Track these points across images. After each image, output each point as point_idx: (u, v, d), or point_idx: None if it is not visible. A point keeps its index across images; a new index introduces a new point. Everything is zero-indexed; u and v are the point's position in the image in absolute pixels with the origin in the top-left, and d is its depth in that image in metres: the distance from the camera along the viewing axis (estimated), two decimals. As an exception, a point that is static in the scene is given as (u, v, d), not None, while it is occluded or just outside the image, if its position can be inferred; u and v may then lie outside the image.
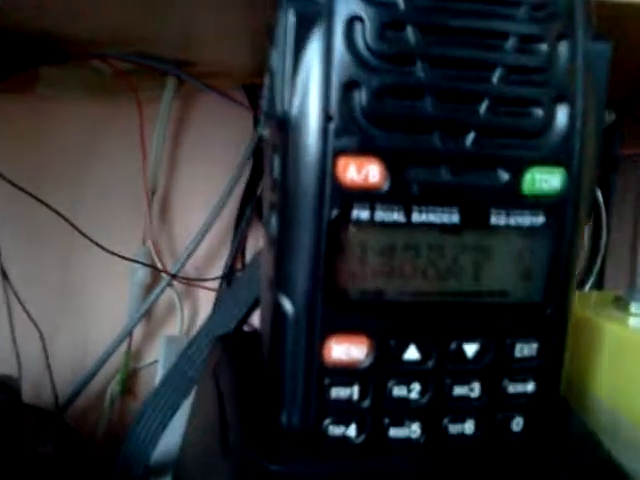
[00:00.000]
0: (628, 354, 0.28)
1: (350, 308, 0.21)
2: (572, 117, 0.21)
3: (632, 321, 0.29)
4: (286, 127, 0.20)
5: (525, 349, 0.22)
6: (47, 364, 0.48)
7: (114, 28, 0.39)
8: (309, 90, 0.20)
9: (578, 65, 0.21)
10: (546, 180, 0.21)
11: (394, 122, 0.20)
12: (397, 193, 0.20)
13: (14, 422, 0.34)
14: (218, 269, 0.53)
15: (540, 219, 0.22)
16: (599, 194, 0.46)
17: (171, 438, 0.31)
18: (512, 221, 0.21)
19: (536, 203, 0.21)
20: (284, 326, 0.22)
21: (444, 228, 0.21)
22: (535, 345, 0.23)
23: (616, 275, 0.46)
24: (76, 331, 0.52)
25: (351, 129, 0.20)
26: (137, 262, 0.50)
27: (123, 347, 0.49)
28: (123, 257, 0.48)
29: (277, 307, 0.22)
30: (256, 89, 0.50)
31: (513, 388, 0.23)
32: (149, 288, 0.51)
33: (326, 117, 0.20)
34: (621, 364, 0.28)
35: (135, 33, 0.40)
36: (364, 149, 0.20)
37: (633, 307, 0.30)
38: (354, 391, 0.22)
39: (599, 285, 0.46)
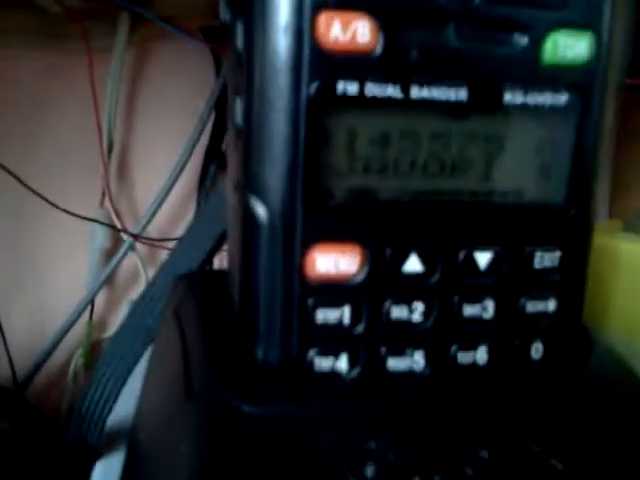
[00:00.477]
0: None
1: (336, 211, 0.17)
2: (602, -32, 0.17)
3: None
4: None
5: (546, 259, 0.19)
6: (2, 338, 0.44)
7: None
8: None
9: None
10: (572, 47, 0.17)
11: (388, -32, 0.16)
12: (392, 59, 0.16)
13: None
14: (182, 230, 0.49)
15: (563, 97, 0.18)
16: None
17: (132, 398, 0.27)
18: (530, 100, 0.18)
19: (559, 77, 0.18)
20: (257, 236, 0.17)
21: (449, 109, 0.17)
22: (557, 254, 0.19)
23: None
24: (32, 301, 0.48)
25: (334, -24, 0.16)
26: (96, 221, 0.46)
27: (85, 317, 0.46)
28: (80, 216, 0.44)
29: (248, 214, 0.17)
30: (215, 31, 0.46)
31: (532, 307, 0.19)
32: (110, 253, 0.47)
33: (302, -39, 0.16)
34: (636, 288, 0.25)
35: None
36: (351, 2, 0.16)
37: (646, 228, 0.27)
38: (344, 313, 0.18)
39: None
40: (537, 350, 0.19)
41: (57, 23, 0.43)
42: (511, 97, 0.17)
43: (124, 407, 0.27)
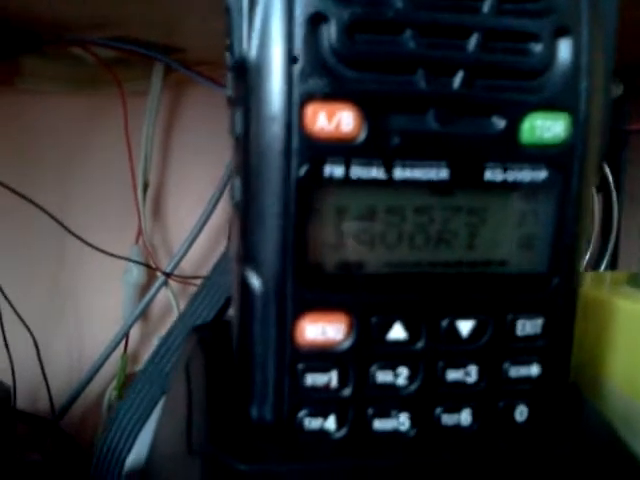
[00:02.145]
0: (646, 335, 0.25)
1: (325, 282, 0.18)
2: (576, 52, 0.18)
3: (649, 299, 0.26)
4: (245, 73, 0.18)
5: (528, 326, 0.20)
6: (42, 370, 0.46)
7: (89, 8, 0.36)
8: (269, 27, 0.17)
9: (582, -8, 0.18)
10: (548, 127, 0.18)
11: (369, 61, 0.17)
12: (375, 145, 0.18)
13: (3, 429, 0.32)
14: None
15: (542, 174, 0.19)
16: (608, 172, 0.43)
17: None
18: (510, 177, 0.19)
19: (537, 155, 0.19)
20: (252, 305, 0.19)
21: (432, 186, 0.18)
22: (540, 321, 0.20)
23: (631, 255, 0.44)
24: (71, 335, 0.50)
25: (319, 71, 0.17)
26: (130, 261, 0.48)
27: (119, 350, 0.48)
28: (116, 256, 0.47)
29: (244, 284, 0.19)
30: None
31: (515, 372, 0.20)
32: (144, 288, 0.49)
33: (290, 58, 0.17)
34: (638, 346, 0.25)
35: (114, 14, 0.38)
36: (335, 93, 0.17)
37: (650, 284, 0.27)
38: (332, 377, 0.19)
39: (613, 266, 0.43)
40: (521, 413, 0.20)
41: (92, 70, 0.46)
42: (492, 175, 0.18)
43: (144, 449, 0.28)
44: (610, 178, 0.42)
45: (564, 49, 0.18)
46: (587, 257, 0.43)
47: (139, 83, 0.48)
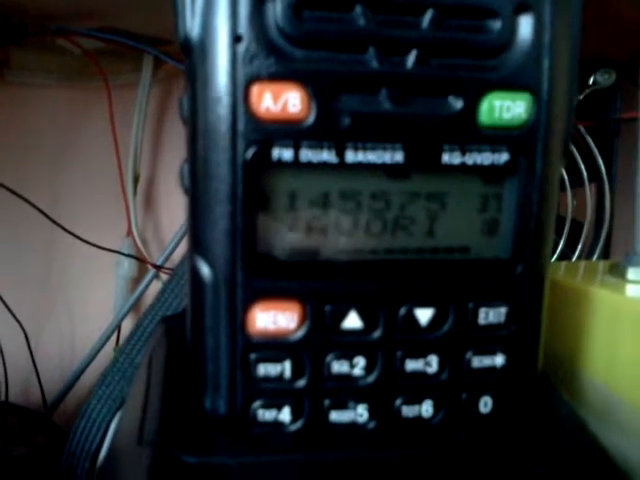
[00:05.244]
0: (625, 325, 0.24)
1: (276, 270, 0.18)
2: (538, 30, 0.17)
3: (630, 288, 0.25)
4: (189, 53, 0.17)
5: (491, 315, 0.19)
6: (33, 364, 0.47)
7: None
8: (212, 4, 0.16)
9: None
10: (508, 108, 0.18)
11: (317, 40, 0.17)
12: (325, 126, 0.17)
13: None
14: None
15: (503, 157, 0.18)
16: (600, 162, 0.42)
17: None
18: (469, 160, 0.18)
19: (497, 137, 0.18)
20: (203, 295, 0.18)
21: (387, 170, 0.18)
22: (503, 310, 0.19)
23: (624, 244, 0.42)
24: (62, 328, 0.50)
25: (265, 50, 0.17)
26: (122, 254, 0.48)
27: (112, 342, 0.48)
28: (107, 249, 0.46)
29: (194, 272, 0.18)
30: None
31: (478, 362, 0.19)
32: (136, 281, 0.49)
33: (234, 37, 0.16)
34: (617, 337, 0.24)
35: (101, 3, 0.37)
36: (282, 74, 0.17)
37: (630, 273, 0.26)
38: (286, 368, 0.18)
39: (606, 255, 0.42)
40: (486, 404, 0.19)
41: (80, 62, 0.45)
42: (449, 157, 0.18)
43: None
44: (602, 167, 0.41)
45: (525, 26, 0.18)
46: (580, 246, 0.43)
47: (129, 76, 0.48)
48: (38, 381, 0.47)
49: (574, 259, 0.42)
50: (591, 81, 0.41)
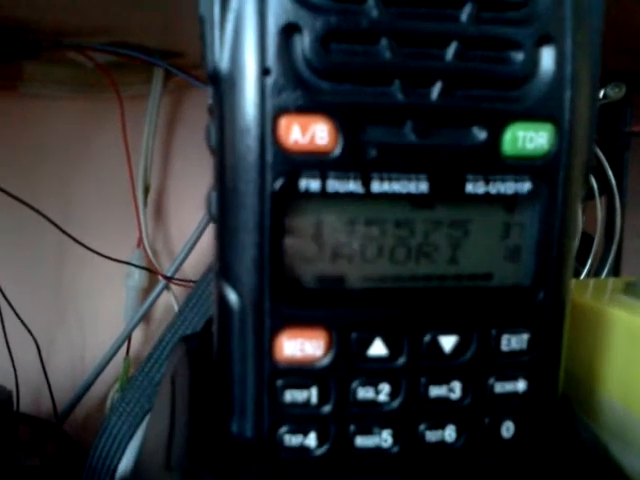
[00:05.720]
0: (642, 345, 0.24)
1: (303, 298, 0.18)
2: (560, 61, 0.18)
3: (646, 308, 0.25)
4: (218, 84, 0.17)
5: (513, 341, 0.19)
6: (44, 374, 0.47)
7: (86, 14, 0.36)
8: (240, 38, 0.17)
9: (566, -2, 0.18)
10: (531, 138, 0.18)
11: (344, 72, 0.17)
12: (352, 158, 0.17)
13: (3, 434, 0.32)
14: (216, 269, 0.50)
15: (526, 186, 0.18)
16: (611, 175, 0.42)
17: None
18: (492, 189, 0.18)
19: (520, 167, 0.18)
20: (230, 321, 0.18)
21: (412, 200, 0.18)
22: (525, 336, 0.19)
23: (634, 258, 0.43)
24: (73, 339, 0.51)
25: (293, 83, 0.17)
26: (132, 265, 0.48)
27: (122, 353, 0.48)
28: (117, 260, 0.47)
29: (222, 299, 0.19)
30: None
31: (501, 387, 0.19)
32: (146, 292, 0.49)
33: (262, 70, 0.17)
34: (635, 358, 0.25)
35: (111, 19, 0.38)
36: (309, 106, 0.17)
37: (647, 292, 0.26)
38: (312, 394, 0.18)
39: (616, 269, 0.42)
40: (508, 429, 0.20)
41: (92, 75, 0.46)
42: (473, 187, 0.18)
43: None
44: (613, 181, 0.42)
45: (547, 58, 0.18)
46: (591, 260, 0.43)
47: (140, 87, 0.48)
48: (49, 391, 0.47)
49: (584, 272, 0.42)
50: (601, 95, 0.42)
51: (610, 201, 0.42)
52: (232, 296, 0.18)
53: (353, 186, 0.17)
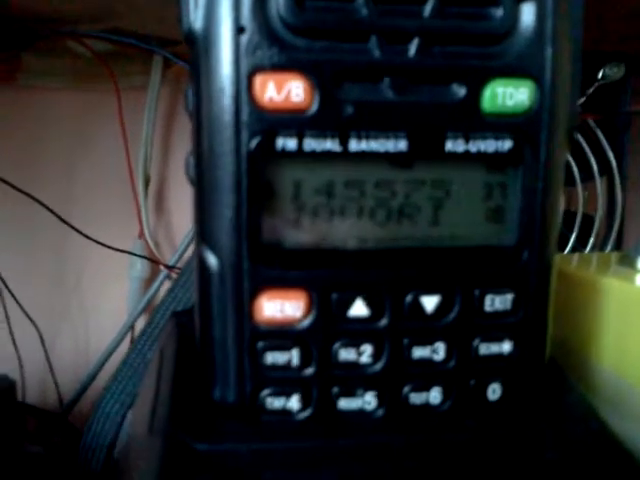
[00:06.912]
0: (635, 313, 0.24)
1: (282, 259, 0.18)
2: (540, 17, 0.17)
3: (640, 278, 0.25)
4: (193, 44, 0.17)
5: (497, 302, 0.19)
6: (49, 365, 0.48)
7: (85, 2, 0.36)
8: (215, -5, 0.17)
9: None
10: (511, 95, 0.18)
11: (319, 29, 0.17)
12: (328, 116, 0.17)
13: (7, 422, 0.32)
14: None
15: (507, 144, 0.18)
16: (611, 155, 0.42)
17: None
18: (473, 147, 0.18)
19: (501, 124, 0.18)
20: (210, 284, 0.18)
21: (391, 158, 0.18)
22: (510, 297, 0.19)
23: (636, 237, 0.42)
24: (77, 329, 0.51)
25: (268, 40, 0.17)
26: (134, 255, 0.48)
27: (126, 342, 0.48)
28: (119, 250, 0.47)
29: (202, 263, 0.19)
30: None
31: (486, 349, 0.19)
32: (149, 282, 0.50)
33: (237, 28, 0.17)
34: (628, 326, 0.24)
35: (108, 5, 0.38)
36: (284, 63, 0.17)
37: (640, 263, 0.26)
38: (294, 356, 0.18)
39: (618, 249, 0.42)
40: (494, 391, 0.19)
41: (91, 64, 0.46)
42: (453, 145, 0.18)
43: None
44: (613, 161, 0.41)
45: (527, 14, 0.18)
46: (592, 241, 0.42)
47: (138, 78, 0.48)
48: (54, 382, 0.47)
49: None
50: (600, 75, 0.41)
51: (610, 181, 0.42)
52: (211, 259, 0.18)
53: (330, 145, 0.17)
